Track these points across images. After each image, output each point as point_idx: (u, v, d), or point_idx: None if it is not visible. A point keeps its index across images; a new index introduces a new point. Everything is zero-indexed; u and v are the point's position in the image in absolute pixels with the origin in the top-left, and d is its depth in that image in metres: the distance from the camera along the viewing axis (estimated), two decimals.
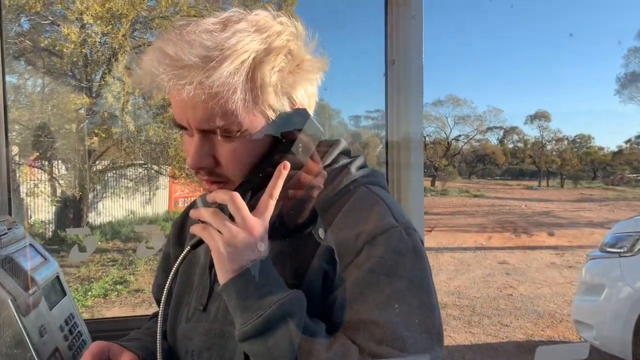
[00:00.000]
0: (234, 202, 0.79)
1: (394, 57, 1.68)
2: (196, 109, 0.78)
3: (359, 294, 0.79)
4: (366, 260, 0.80)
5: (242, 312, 0.77)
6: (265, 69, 0.79)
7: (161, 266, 1.17)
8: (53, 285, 1.27)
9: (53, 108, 9.44)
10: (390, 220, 0.84)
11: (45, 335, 1.11)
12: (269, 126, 0.82)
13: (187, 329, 0.96)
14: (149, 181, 11.65)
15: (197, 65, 0.74)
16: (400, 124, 1.69)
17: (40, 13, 8.82)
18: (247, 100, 0.78)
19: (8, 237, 1.18)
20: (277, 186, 0.82)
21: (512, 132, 44.06)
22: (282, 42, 0.81)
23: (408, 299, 0.79)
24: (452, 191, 28.94)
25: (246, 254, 0.78)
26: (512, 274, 9.26)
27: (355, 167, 0.94)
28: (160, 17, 9.37)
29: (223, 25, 0.79)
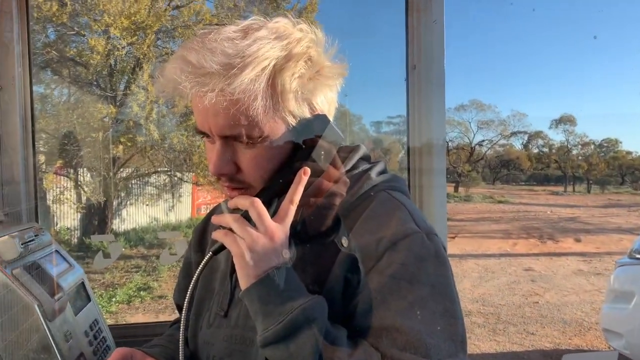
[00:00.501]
0: (255, 208, 0.80)
1: (415, 62, 1.67)
2: (218, 116, 0.79)
3: (380, 300, 0.79)
4: (387, 266, 0.79)
5: (263, 318, 0.76)
6: (285, 75, 0.79)
7: (182, 272, 1.18)
8: (78, 291, 1.29)
9: (78, 117, 9.61)
10: (412, 225, 0.84)
11: (70, 341, 1.13)
12: (290, 132, 0.83)
13: (208, 335, 0.96)
14: (172, 188, 11.76)
15: (218, 72, 0.76)
16: (422, 129, 1.68)
17: (66, 24, 9.00)
18: (267, 107, 0.79)
19: (35, 243, 1.20)
20: (297, 192, 0.82)
21: (537, 136, 43.43)
22: (302, 48, 0.82)
23: (431, 305, 0.78)
24: (476, 197, 28.60)
25: (268, 260, 0.78)
26: (538, 281, 9.10)
27: (375, 172, 0.94)
28: (182, 26, 9.50)
29: (244, 33, 0.80)
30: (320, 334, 0.74)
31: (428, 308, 0.77)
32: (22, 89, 1.54)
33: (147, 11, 8.67)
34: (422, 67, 1.64)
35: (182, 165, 10.33)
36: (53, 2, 8.37)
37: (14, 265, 1.09)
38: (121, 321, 6.70)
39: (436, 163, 1.67)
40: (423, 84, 1.65)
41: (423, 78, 1.64)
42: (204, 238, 1.13)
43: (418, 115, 1.69)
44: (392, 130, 32.20)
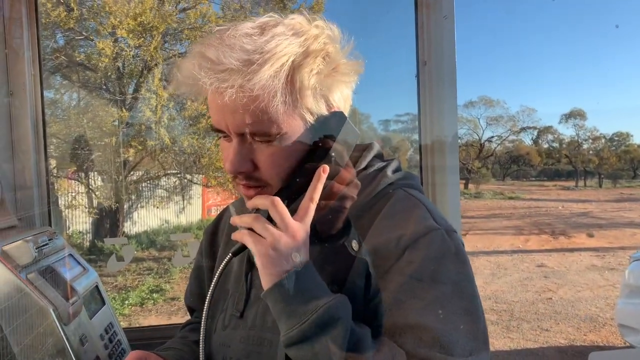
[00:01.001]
0: (276, 207, 0.78)
1: (425, 58, 1.66)
2: (236, 112, 0.78)
3: (403, 298, 0.78)
4: (409, 263, 0.79)
5: (287, 317, 0.75)
6: (303, 72, 0.78)
7: (194, 274, 1.17)
8: (92, 294, 1.29)
9: (89, 121, 9.67)
10: (431, 222, 0.83)
11: (86, 344, 1.12)
12: (307, 130, 0.82)
13: (223, 337, 0.96)
14: (182, 190, 11.80)
15: (238, 68, 0.75)
16: (434, 126, 1.67)
17: (74, 29, 9.06)
18: (286, 104, 0.78)
19: (49, 247, 1.20)
20: (317, 190, 0.81)
21: (547, 131, 43.18)
22: (319, 45, 0.81)
23: (454, 303, 0.78)
24: (486, 194, 28.48)
25: (290, 259, 0.76)
26: (551, 277, 9.04)
27: (390, 170, 0.93)
28: (189, 28, 9.53)
29: (261, 30, 0.80)
30: (345, 333, 0.73)
31: (451, 306, 0.77)
32: (32, 95, 1.54)
33: (153, 12, 8.70)
34: (433, 63, 1.62)
35: (192, 167, 10.36)
36: (61, 7, 8.44)
37: (29, 269, 1.09)
38: (134, 324, 6.74)
39: (449, 160, 1.65)
40: (434, 80, 1.63)
41: (434, 74, 1.63)
42: (214, 240, 1.12)
43: (430, 112, 1.68)
44: (400, 128, 32.15)
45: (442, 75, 1.61)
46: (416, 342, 0.75)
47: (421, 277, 0.78)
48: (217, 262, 1.07)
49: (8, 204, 1.38)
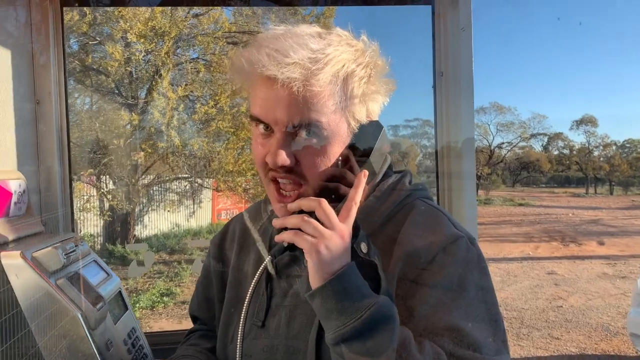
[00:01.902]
0: (323, 208, 0.80)
1: (442, 69, 1.68)
2: (291, 106, 0.81)
3: (437, 301, 0.83)
4: (440, 268, 0.84)
5: (339, 314, 0.76)
6: (355, 79, 0.84)
7: (202, 283, 1.18)
8: (116, 300, 1.31)
9: (101, 125, 9.75)
10: (455, 231, 0.90)
11: (111, 349, 1.15)
12: (349, 134, 0.87)
13: (244, 347, 0.96)
14: (193, 194, 11.85)
15: (305, 64, 0.79)
16: (451, 134, 1.69)
17: (87, 34, 9.15)
18: (339, 106, 0.84)
19: (76, 254, 1.23)
20: (358, 193, 0.83)
21: (557, 138, 42.90)
22: (368, 58, 0.88)
23: (480, 306, 0.84)
24: (496, 200, 28.34)
25: (340, 257, 0.78)
26: (562, 284, 8.99)
27: (407, 182, 0.99)
28: (202, 34, 9.59)
29: (318, 34, 0.86)
30: (395, 330, 0.75)
31: (479, 309, 0.83)
32: (57, 103, 1.58)
33: (165, 18, 8.77)
34: (450, 74, 1.64)
35: (202, 171, 10.41)
36: (74, 12, 8.53)
37: (58, 275, 1.12)
38: (145, 327, 6.77)
39: (465, 166, 1.67)
40: (451, 90, 1.66)
41: (451, 85, 1.65)
42: (222, 250, 1.14)
43: (446, 120, 1.70)
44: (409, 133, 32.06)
45: (459, 85, 1.64)
46: (452, 342, 0.79)
47: (451, 282, 0.84)
48: (231, 271, 1.08)
49: (33, 209, 1.42)
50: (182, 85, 9.32)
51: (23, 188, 1.35)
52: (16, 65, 1.46)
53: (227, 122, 9.10)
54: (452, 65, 1.65)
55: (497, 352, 0.81)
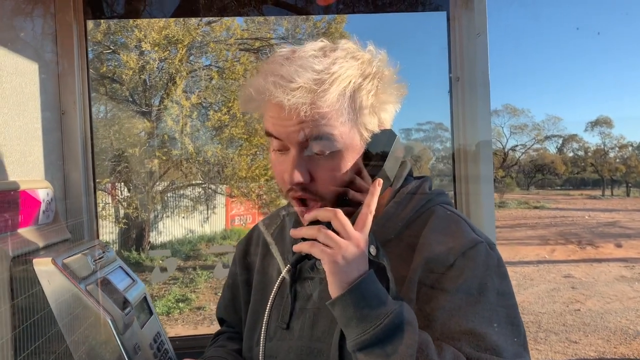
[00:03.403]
0: (339, 218, 0.82)
1: (458, 74, 1.70)
2: (302, 127, 0.84)
3: (457, 306, 0.84)
4: (460, 273, 0.85)
5: (359, 322, 0.78)
6: (363, 92, 0.86)
7: (229, 286, 1.21)
8: (142, 305, 1.34)
9: (115, 133, 9.86)
10: (475, 236, 0.90)
11: (139, 353, 1.18)
12: (362, 145, 0.89)
13: (269, 348, 0.98)
14: (206, 200, 11.92)
15: (310, 87, 0.82)
16: (467, 138, 1.71)
17: (102, 42, 9.28)
18: (349, 121, 0.86)
19: (103, 260, 1.26)
20: (373, 201, 0.86)
21: (572, 140, 42.53)
22: (374, 68, 0.89)
23: (500, 311, 0.85)
24: (511, 203, 28.11)
25: (357, 266, 0.80)
26: (579, 288, 8.90)
27: (427, 187, 1.00)
28: (214, 41, 9.67)
29: (323, 52, 0.87)
30: (415, 336, 0.77)
31: (499, 313, 0.84)
32: (81, 113, 1.62)
33: (178, 25, 8.87)
34: (466, 79, 1.66)
35: (216, 177, 10.48)
36: (88, 21, 8.65)
37: (87, 281, 1.15)
38: None
39: (483, 170, 1.68)
40: (467, 95, 1.67)
41: (467, 89, 1.66)
42: (247, 254, 1.17)
43: (463, 124, 1.72)
44: (421, 137, 31.99)
45: (475, 90, 1.65)
46: (472, 345, 0.81)
47: (471, 286, 0.85)
48: (256, 275, 1.11)
49: (60, 217, 1.45)
50: (196, 92, 9.41)
51: (50, 196, 1.38)
52: (42, 77, 1.50)
53: (240, 129, 9.16)
54: (467, 70, 1.66)
55: (516, 355, 0.82)
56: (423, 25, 13.92)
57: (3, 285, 1.08)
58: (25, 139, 1.40)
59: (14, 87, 1.35)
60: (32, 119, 1.45)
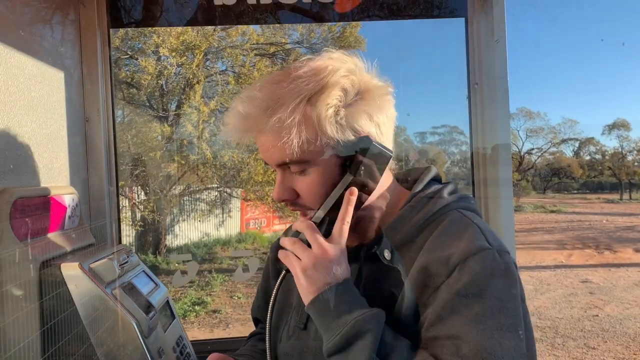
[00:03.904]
0: (309, 230, 0.88)
1: (476, 80, 1.70)
2: (269, 150, 0.89)
3: (448, 312, 0.81)
4: (457, 280, 0.82)
5: (325, 331, 0.84)
6: (320, 106, 0.86)
7: (261, 288, 1.24)
8: (164, 309, 1.37)
9: (133, 137, 9.97)
10: (483, 242, 0.86)
11: (163, 357, 1.20)
12: (337, 157, 0.90)
13: (288, 347, 1.02)
14: (222, 204, 11.99)
15: (258, 115, 0.87)
16: (486, 142, 1.71)
17: (120, 48, 9.39)
18: (308, 137, 0.86)
19: (128, 264, 1.28)
20: (348, 212, 0.89)
21: (589, 143, 42.06)
22: (336, 78, 0.88)
23: (497, 319, 0.80)
24: (527, 207, 27.83)
25: (323, 277, 0.85)
26: (597, 293, 8.79)
27: (447, 192, 0.98)
28: (230, 46, 9.75)
29: (286, 75, 0.89)
30: (372, 345, 0.79)
31: (494, 321, 0.79)
32: (105, 120, 1.65)
33: (196, 31, 8.95)
34: (485, 85, 1.66)
35: (231, 181, 10.54)
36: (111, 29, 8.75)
37: (113, 285, 1.18)
38: None
39: (502, 173, 1.68)
40: (486, 100, 1.67)
41: (486, 95, 1.67)
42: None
43: (481, 128, 1.72)
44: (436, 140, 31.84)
45: (494, 96, 1.66)
46: (453, 352, 0.78)
47: (467, 293, 0.81)
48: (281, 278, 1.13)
49: (85, 222, 1.48)
50: (215, 98, 9.49)
51: (76, 202, 1.42)
52: (67, 85, 1.53)
53: None
54: (486, 76, 1.67)
55: None
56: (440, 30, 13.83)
57: (33, 289, 1.11)
58: (51, 146, 1.43)
59: (41, 95, 1.39)
60: (58, 126, 1.48)
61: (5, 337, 1.08)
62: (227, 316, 7.71)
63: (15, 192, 1.13)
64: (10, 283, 1.08)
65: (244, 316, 7.63)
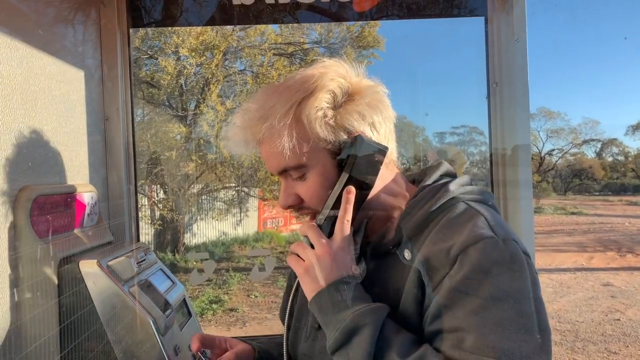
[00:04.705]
0: (311, 231, 0.91)
1: (496, 79, 1.68)
2: (268, 158, 0.93)
3: (450, 304, 0.80)
4: (458, 271, 0.81)
5: (325, 328, 0.86)
6: (309, 109, 0.88)
7: (286, 291, 1.23)
8: (181, 307, 1.37)
9: (152, 136, 10.07)
10: (486, 231, 0.84)
11: (179, 354, 1.21)
12: (332, 158, 0.91)
13: (305, 348, 1.03)
14: (239, 203, 12.05)
15: (250, 125, 0.91)
16: (506, 143, 1.70)
17: (140, 48, 9.50)
18: (300, 140, 0.89)
19: (145, 262, 1.29)
20: (347, 210, 0.90)
21: (611, 144, 41.42)
22: (323, 82, 0.90)
23: (502, 309, 0.77)
24: (547, 208, 27.45)
25: (326, 275, 0.87)
26: (618, 296, 8.63)
27: (455, 185, 0.95)
28: (248, 46, 9.79)
29: (279, 85, 0.94)
30: (371, 339, 0.80)
31: (499, 311, 0.77)
32: (125, 119, 1.67)
33: (215, 31, 9.00)
34: (505, 85, 1.65)
35: (249, 180, 10.59)
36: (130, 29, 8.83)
37: (130, 283, 1.19)
38: None
39: (522, 175, 1.66)
40: (506, 100, 1.66)
41: (505, 95, 1.65)
42: None
43: (501, 129, 1.71)
44: (456, 140, 31.62)
45: (514, 95, 1.64)
46: (456, 344, 0.77)
47: (469, 283, 0.80)
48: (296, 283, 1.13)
49: (104, 220, 1.50)
50: (231, 97, 9.53)
51: (95, 200, 1.43)
52: (87, 84, 1.55)
53: None
54: (506, 75, 1.65)
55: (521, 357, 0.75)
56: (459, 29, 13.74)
57: (52, 286, 1.12)
58: (71, 144, 1.45)
59: (62, 94, 1.40)
60: (78, 125, 1.50)
61: (26, 334, 1.09)
62: (243, 315, 7.74)
63: (36, 189, 1.14)
64: (29, 280, 1.10)
65: (260, 315, 7.66)
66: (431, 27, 19.12)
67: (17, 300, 1.09)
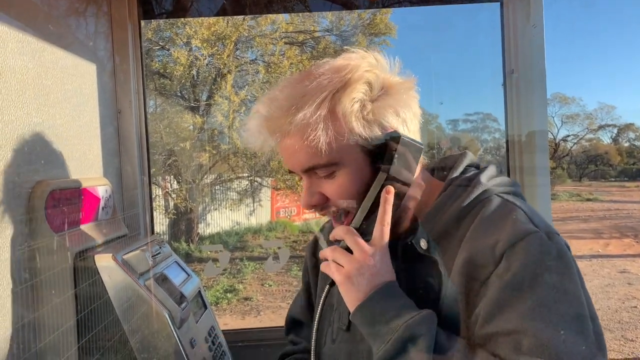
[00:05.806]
0: (349, 235, 0.85)
1: (512, 67, 1.65)
2: (294, 153, 0.85)
3: (502, 305, 0.76)
4: (507, 269, 0.77)
5: (373, 339, 0.80)
6: (345, 101, 0.82)
7: (303, 287, 1.21)
8: (196, 299, 1.38)
9: (165, 127, 10.11)
10: (529, 226, 0.81)
11: (195, 347, 1.21)
12: (364, 154, 0.86)
13: (332, 350, 0.99)
14: (252, 193, 12.09)
15: (280, 116, 0.83)
16: (522, 130, 1.67)
17: (152, 39, 9.51)
18: (333, 134, 0.82)
19: (160, 255, 1.30)
20: (387, 212, 0.85)
21: (628, 129, 40.83)
22: (359, 74, 0.84)
23: (557, 307, 0.75)
24: (562, 195, 27.17)
25: (368, 283, 0.82)
26: (635, 283, 8.54)
27: (486, 177, 0.92)
28: (259, 35, 9.76)
29: (307, 74, 0.86)
30: (428, 349, 0.75)
31: (554, 310, 0.75)
32: (137, 111, 1.67)
33: (226, 22, 8.99)
34: (521, 72, 1.62)
35: (262, 170, 10.62)
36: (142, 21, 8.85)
37: (145, 276, 1.19)
38: None
39: (539, 161, 1.64)
40: (522, 88, 1.63)
41: (522, 82, 1.62)
42: (316, 256, 1.16)
43: (517, 116, 1.68)
44: (469, 128, 31.35)
45: (531, 83, 1.61)
46: (515, 348, 0.73)
47: (521, 282, 0.76)
48: (320, 280, 1.11)
49: (118, 213, 1.50)
50: (245, 87, 9.54)
51: (109, 193, 1.43)
52: (100, 77, 1.55)
53: None
54: (522, 63, 1.62)
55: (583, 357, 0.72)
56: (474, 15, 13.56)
57: (67, 280, 1.12)
58: (85, 137, 1.45)
59: (74, 87, 1.40)
60: (91, 118, 1.50)
61: (41, 332, 1.10)
62: (258, 303, 7.79)
63: (50, 184, 1.14)
64: (46, 274, 1.10)
65: (274, 304, 7.70)
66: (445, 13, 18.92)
67: (35, 295, 1.10)
